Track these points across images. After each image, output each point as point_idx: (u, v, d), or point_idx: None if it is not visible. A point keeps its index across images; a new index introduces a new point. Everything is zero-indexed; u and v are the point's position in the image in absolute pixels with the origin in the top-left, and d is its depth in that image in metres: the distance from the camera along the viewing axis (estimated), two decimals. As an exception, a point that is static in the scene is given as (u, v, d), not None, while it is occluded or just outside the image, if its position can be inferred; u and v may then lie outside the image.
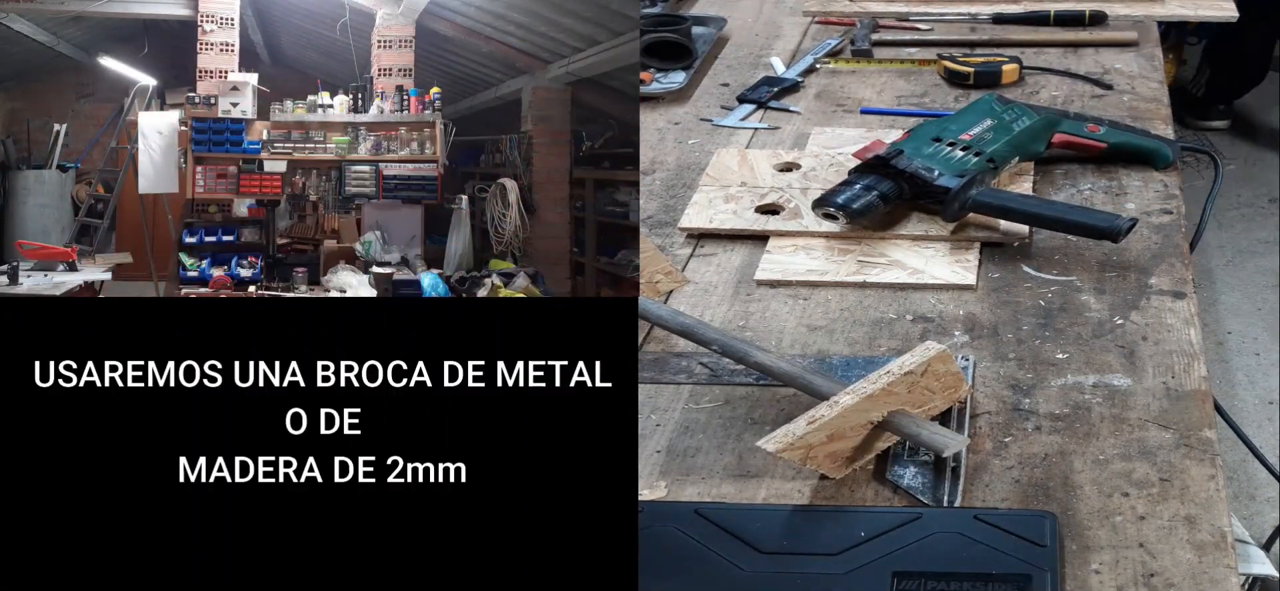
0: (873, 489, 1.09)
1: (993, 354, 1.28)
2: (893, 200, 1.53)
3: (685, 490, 1.11)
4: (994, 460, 1.11)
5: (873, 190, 1.52)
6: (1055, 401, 1.19)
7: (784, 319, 1.38)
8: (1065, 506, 1.04)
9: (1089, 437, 1.13)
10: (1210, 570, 0.97)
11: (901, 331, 1.34)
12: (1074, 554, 0.99)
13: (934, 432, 1.09)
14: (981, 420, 1.17)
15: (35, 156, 8.57)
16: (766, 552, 1.00)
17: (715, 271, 1.49)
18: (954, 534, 1.00)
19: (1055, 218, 1.48)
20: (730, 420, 1.20)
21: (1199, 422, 1.14)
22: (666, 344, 1.33)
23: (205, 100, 6.66)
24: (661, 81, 2.08)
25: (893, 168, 1.54)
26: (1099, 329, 1.31)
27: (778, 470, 1.11)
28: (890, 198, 1.53)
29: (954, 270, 1.43)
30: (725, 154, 1.76)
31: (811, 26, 2.35)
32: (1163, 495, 1.05)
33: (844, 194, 1.52)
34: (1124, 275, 1.41)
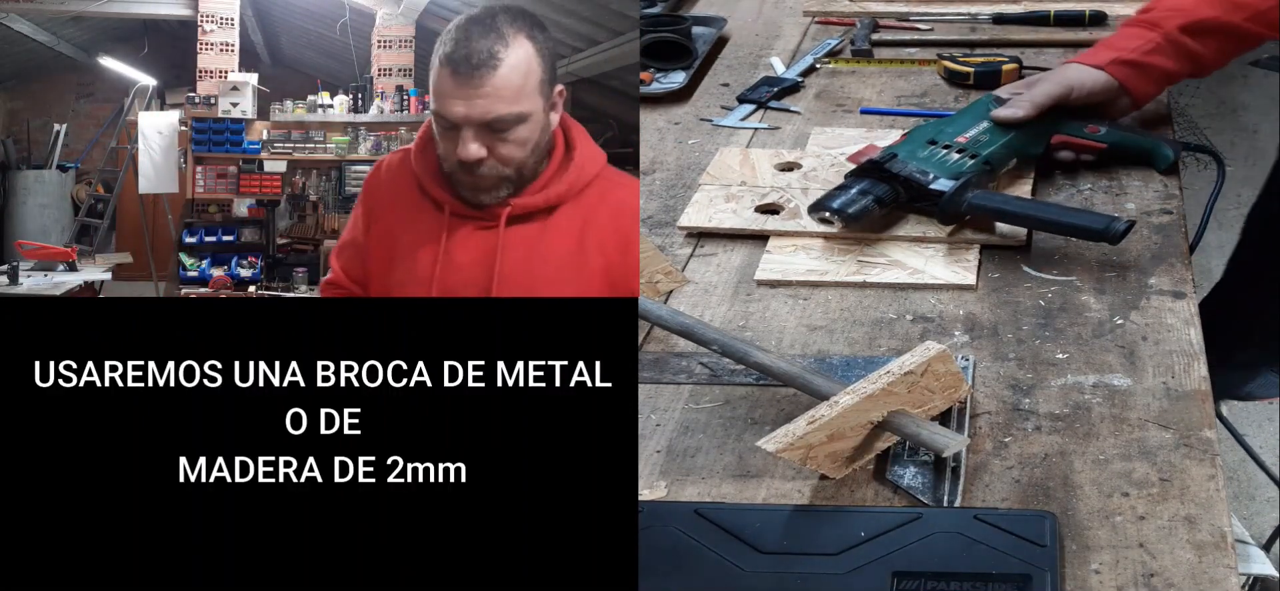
0: (873, 489, 1.09)
1: (993, 354, 1.28)
2: (888, 204, 1.52)
3: (685, 490, 1.11)
4: (994, 460, 1.11)
5: (868, 194, 1.51)
6: (1055, 401, 1.19)
7: (784, 319, 1.38)
8: (1065, 506, 1.04)
9: (1089, 437, 1.13)
10: (1210, 570, 0.97)
11: (901, 331, 1.34)
12: (1074, 554, 0.99)
13: (934, 432, 1.09)
14: (981, 420, 1.17)
15: (35, 156, 8.59)
16: (766, 552, 1.00)
17: (715, 271, 1.49)
18: (954, 534, 1.00)
19: (1052, 220, 1.48)
20: (730, 420, 1.20)
21: (1199, 422, 1.14)
22: (666, 344, 1.33)
23: (205, 100, 6.67)
24: (661, 81, 2.08)
25: (888, 171, 1.53)
26: (1099, 329, 1.31)
27: (778, 470, 1.11)
28: (886, 201, 1.52)
29: (954, 270, 1.43)
30: (727, 153, 1.76)
31: (811, 26, 2.35)
32: (1163, 495, 1.05)
33: (839, 198, 1.51)
34: (1124, 275, 1.41)
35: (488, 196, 1.44)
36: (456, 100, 1.39)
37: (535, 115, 1.42)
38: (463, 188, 1.46)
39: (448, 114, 1.40)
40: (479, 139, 1.40)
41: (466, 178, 1.44)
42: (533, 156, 1.45)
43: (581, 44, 5.83)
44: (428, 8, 6.05)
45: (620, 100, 6.80)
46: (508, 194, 1.45)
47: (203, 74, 6.79)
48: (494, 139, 1.40)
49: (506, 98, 1.39)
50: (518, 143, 1.42)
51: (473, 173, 1.42)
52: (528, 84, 1.41)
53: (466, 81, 1.38)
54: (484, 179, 1.43)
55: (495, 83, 1.38)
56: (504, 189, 1.44)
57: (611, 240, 1.45)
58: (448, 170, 1.46)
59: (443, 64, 1.41)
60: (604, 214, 1.46)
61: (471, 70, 1.38)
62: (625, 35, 5.24)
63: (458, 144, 1.41)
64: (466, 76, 1.38)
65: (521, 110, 1.40)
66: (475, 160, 1.41)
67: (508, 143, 1.41)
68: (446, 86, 1.40)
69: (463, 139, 1.40)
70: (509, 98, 1.39)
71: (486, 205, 1.45)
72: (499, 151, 1.41)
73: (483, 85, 1.38)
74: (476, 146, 1.40)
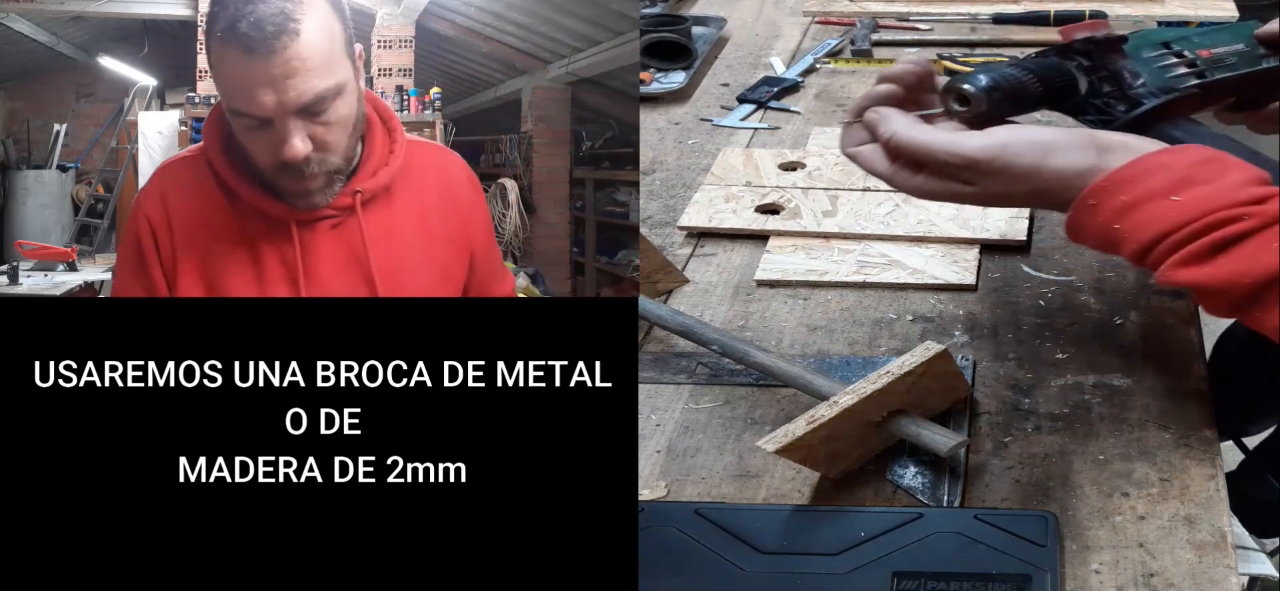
0: (873, 489, 1.09)
1: (993, 354, 1.28)
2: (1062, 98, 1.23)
3: (685, 490, 1.11)
4: (994, 460, 1.11)
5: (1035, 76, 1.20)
6: (1055, 401, 1.19)
7: (784, 319, 1.38)
8: (1065, 506, 1.04)
9: (1089, 437, 1.13)
10: (1210, 570, 0.97)
11: (901, 331, 1.34)
12: (1074, 554, 0.99)
13: (934, 432, 1.09)
14: (981, 420, 1.17)
15: (35, 156, 8.59)
16: (766, 552, 1.00)
17: (715, 271, 1.49)
18: (954, 534, 1.00)
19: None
20: (730, 420, 1.20)
21: (1199, 423, 1.14)
22: (666, 344, 1.33)
23: (205, 100, 6.66)
24: (661, 81, 2.08)
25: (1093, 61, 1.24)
26: (1099, 329, 1.31)
27: (778, 470, 1.11)
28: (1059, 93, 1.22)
29: (954, 270, 1.43)
30: (730, 153, 1.76)
31: (811, 26, 2.35)
32: (1163, 495, 1.05)
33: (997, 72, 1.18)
34: (1124, 275, 1.41)
35: (321, 196, 1.22)
36: (260, 88, 1.12)
37: (349, 85, 1.19)
38: (289, 194, 1.22)
39: (254, 108, 1.14)
40: (300, 129, 1.16)
41: (293, 183, 1.20)
42: (355, 136, 1.23)
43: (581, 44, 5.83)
44: (428, 8, 6.05)
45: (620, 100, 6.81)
46: (342, 184, 1.24)
47: (203, 74, 6.79)
48: (314, 125, 1.16)
49: (318, 69, 1.14)
50: (340, 123, 1.18)
51: (302, 174, 1.18)
52: (334, 47, 1.16)
53: (265, 58, 1.11)
54: (314, 178, 1.20)
55: (300, 51, 1.12)
56: (337, 182, 1.23)
57: (450, 208, 1.33)
58: (267, 175, 1.21)
59: (224, 43, 1.12)
60: (430, 181, 1.33)
61: (266, 40, 1.10)
62: (625, 35, 5.25)
63: (272, 142, 1.16)
64: (264, 53, 1.11)
65: (338, 81, 1.16)
66: (304, 157, 1.16)
67: (331, 125, 1.17)
68: (239, 73, 1.13)
69: (282, 134, 1.15)
70: (320, 68, 1.14)
71: (319, 205, 1.23)
72: (323, 138, 1.17)
73: (287, 59, 1.11)
74: (302, 140, 1.15)
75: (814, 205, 1.58)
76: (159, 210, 1.26)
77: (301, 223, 1.24)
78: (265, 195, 1.23)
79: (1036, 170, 1.08)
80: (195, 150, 1.28)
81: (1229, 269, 1.00)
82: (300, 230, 1.24)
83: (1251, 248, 1.00)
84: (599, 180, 7.27)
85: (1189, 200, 1.03)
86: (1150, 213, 1.04)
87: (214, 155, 1.24)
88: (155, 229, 1.25)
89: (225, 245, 1.24)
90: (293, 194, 1.22)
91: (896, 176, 1.15)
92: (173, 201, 1.26)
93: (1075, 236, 1.10)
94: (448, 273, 1.36)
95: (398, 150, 1.29)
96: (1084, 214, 1.07)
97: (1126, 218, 1.05)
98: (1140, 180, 1.05)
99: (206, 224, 1.25)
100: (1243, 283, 0.99)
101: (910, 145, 1.13)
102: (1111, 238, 1.06)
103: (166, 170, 1.29)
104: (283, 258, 1.24)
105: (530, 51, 6.58)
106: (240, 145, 1.21)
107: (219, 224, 1.24)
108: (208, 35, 1.16)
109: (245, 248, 1.24)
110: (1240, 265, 1.00)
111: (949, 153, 1.11)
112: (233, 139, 1.22)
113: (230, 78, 1.14)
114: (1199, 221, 1.01)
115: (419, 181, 1.33)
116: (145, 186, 1.29)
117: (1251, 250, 1.00)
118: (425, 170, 1.34)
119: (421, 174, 1.33)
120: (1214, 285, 1.01)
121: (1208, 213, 1.01)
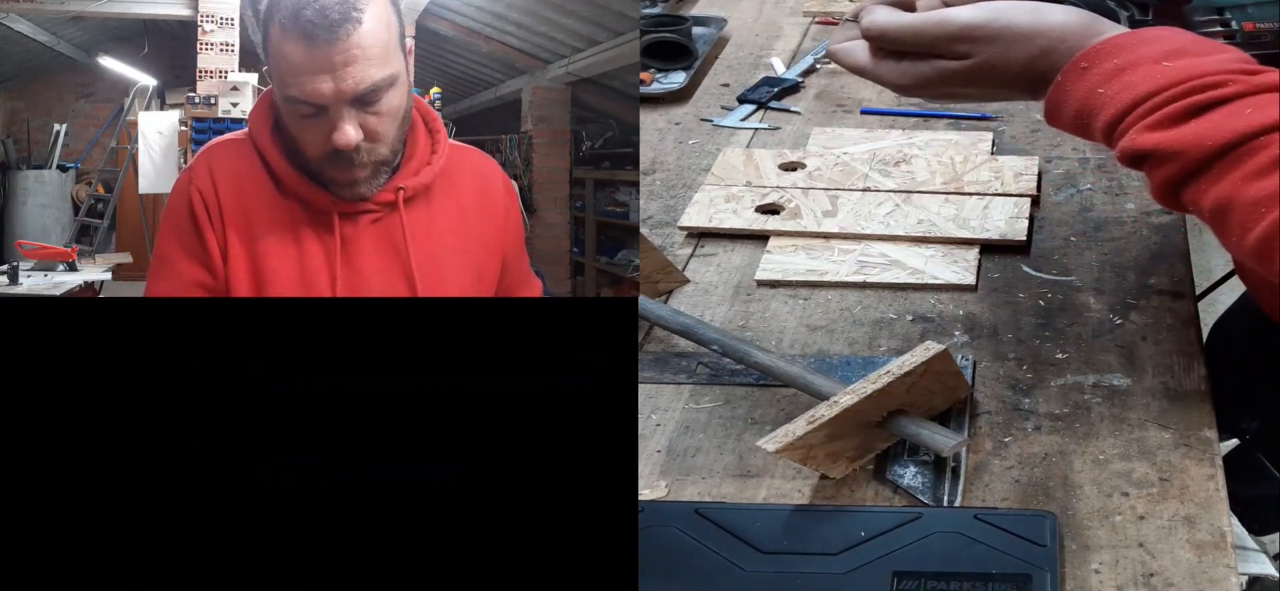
0: (873, 489, 1.09)
1: (993, 354, 1.28)
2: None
3: (685, 490, 1.11)
4: (994, 460, 1.11)
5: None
6: (1055, 401, 1.19)
7: (784, 319, 1.38)
8: (1065, 506, 1.04)
9: (1089, 437, 1.13)
10: (1209, 570, 0.97)
11: (901, 331, 1.34)
12: (1074, 554, 0.99)
13: (934, 432, 1.09)
14: (981, 420, 1.17)
15: (35, 156, 8.59)
16: (766, 552, 1.00)
17: (715, 271, 1.49)
18: (954, 534, 1.00)
19: None
20: (730, 420, 1.20)
21: (1199, 423, 1.14)
22: (666, 344, 1.33)
23: (205, 100, 6.66)
24: (661, 81, 2.08)
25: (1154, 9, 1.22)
26: (1099, 329, 1.31)
27: (778, 470, 1.11)
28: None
29: (954, 270, 1.43)
30: (730, 153, 1.76)
31: (811, 26, 2.35)
32: (1162, 495, 1.05)
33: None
34: (1124, 275, 1.41)
35: (366, 187, 1.22)
36: (319, 75, 1.13)
37: (401, 77, 1.20)
38: (335, 184, 1.22)
39: (311, 94, 1.14)
40: (353, 118, 1.16)
41: (340, 172, 1.20)
42: (402, 129, 1.23)
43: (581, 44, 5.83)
44: (428, 8, 6.05)
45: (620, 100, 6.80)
46: (386, 178, 1.24)
47: (203, 74, 6.79)
48: (365, 114, 1.17)
49: (376, 58, 1.15)
50: (391, 114, 1.19)
51: (351, 163, 1.19)
52: (391, 38, 1.17)
53: (327, 45, 1.12)
54: (362, 167, 1.20)
55: (361, 40, 1.13)
56: (382, 175, 1.23)
57: (486, 212, 1.34)
58: (314, 164, 1.21)
59: (286, 31, 1.14)
60: (468, 183, 1.33)
61: (331, 27, 1.11)
62: (625, 35, 5.25)
63: (324, 130, 1.16)
64: (326, 40, 1.12)
65: (392, 72, 1.17)
66: (355, 146, 1.17)
67: (382, 116, 1.18)
68: (299, 60, 1.14)
69: (334, 121, 1.16)
70: (378, 58, 1.15)
71: (365, 196, 1.23)
72: (373, 128, 1.18)
73: (347, 47, 1.12)
74: (354, 128, 1.16)
75: (814, 205, 1.58)
76: (209, 184, 1.25)
77: (344, 215, 1.24)
78: (310, 184, 1.23)
79: (1035, 28, 1.05)
80: (241, 134, 1.28)
81: (1194, 131, 0.96)
82: (342, 222, 1.23)
83: (1224, 112, 0.96)
84: (599, 180, 7.27)
85: (1180, 66, 0.99)
86: (1139, 75, 1.00)
87: (262, 141, 1.24)
88: (206, 201, 1.25)
89: (270, 228, 1.24)
90: (339, 183, 1.22)
91: (878, 68, 1.13)
92: (221, 179, 1.25)
93: (1053, 113, 1.06)
94: (481, 275, 1.36)
95: (440, 151, 1.29)
96: (1072, 78, 1.03)
97: (1114, 81, 1.01)
98: (1136, 46, 1.02)
99: (251, 206, 1.24)
100: (1203, 144, 0.95)
101: (895, 29, 1.10)
102: (1092, 104, 1.02)
103: (214, 150, 1.29)
104: (325, 248, 1.24)
105: (530, 51, 6.58)
106: (288, 133, 1.21)
107: (264, 208, 1.24)
108: (266, 23, 1.16)
109: (290, 233, 1.24)
110: (1205, 129, 0.96)
111: (940, 27, 1.08)
112: (280, 126, 1.22)
113: (289, 64, 1.14)
114: (1183, 84, 0.98)
115: (458, 183, 1.33)
116: (192, 163, 1.28)
117: (1223, 115, 0.96)
118: (463, 172, 1.34)
119: (460, 176, 1.34)
120: (1171, 148, 0.97)
121: (1195, 77, 0.98)
